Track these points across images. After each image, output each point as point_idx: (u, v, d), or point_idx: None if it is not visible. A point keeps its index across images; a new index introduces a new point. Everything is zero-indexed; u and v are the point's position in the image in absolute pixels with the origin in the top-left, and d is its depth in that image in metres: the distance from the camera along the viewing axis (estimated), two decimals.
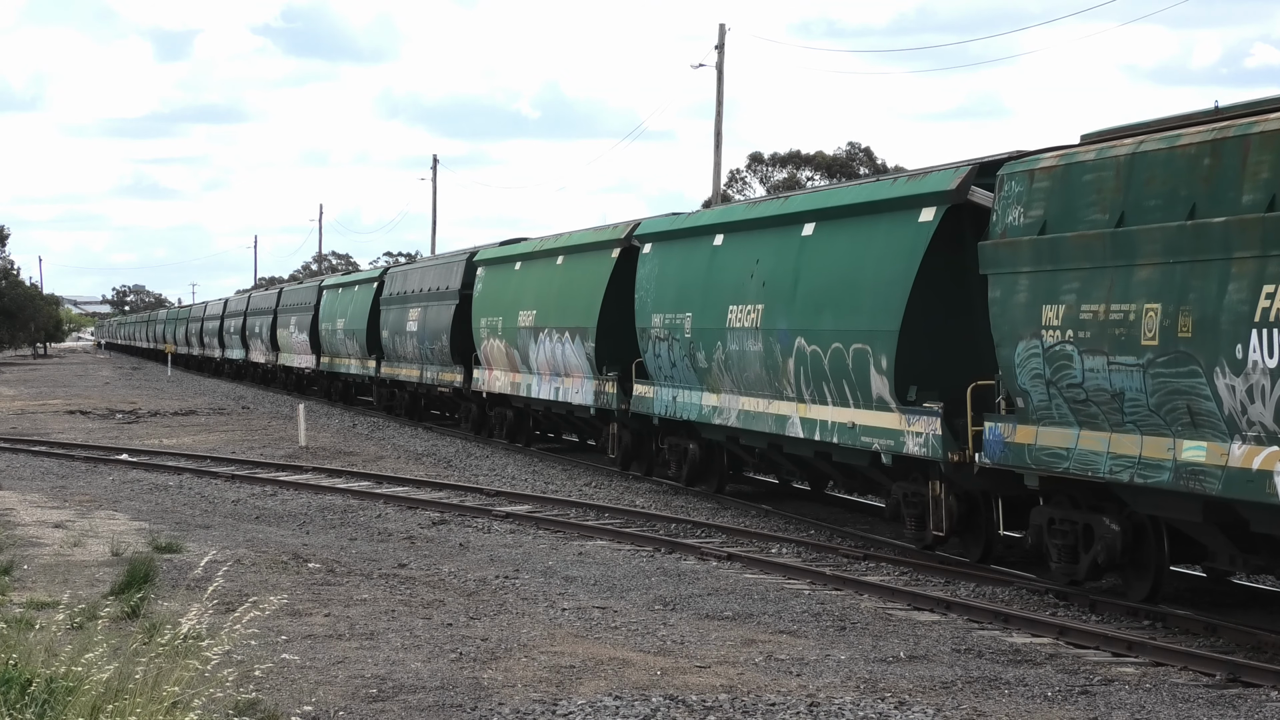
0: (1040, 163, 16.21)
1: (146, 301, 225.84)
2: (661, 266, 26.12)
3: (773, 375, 21.70)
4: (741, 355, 22.62)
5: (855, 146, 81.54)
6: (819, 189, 22.35)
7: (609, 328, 28.57)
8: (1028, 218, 16.22)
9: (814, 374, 20.48)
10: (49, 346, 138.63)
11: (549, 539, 21.28)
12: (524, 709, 11.47)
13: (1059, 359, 15.57)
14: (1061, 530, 16.34)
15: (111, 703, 9.16)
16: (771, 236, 22.34)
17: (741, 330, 22.58)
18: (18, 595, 15.37)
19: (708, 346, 23.75)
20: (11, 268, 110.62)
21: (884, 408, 18.84)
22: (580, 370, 29.90)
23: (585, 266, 30.29)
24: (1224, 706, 12.00)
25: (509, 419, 36.25)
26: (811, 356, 20.50)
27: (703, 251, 24.55)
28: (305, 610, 15.35)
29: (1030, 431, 16.15)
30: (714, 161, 54.56)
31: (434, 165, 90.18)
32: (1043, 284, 15.90)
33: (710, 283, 23.95)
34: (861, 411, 19.35)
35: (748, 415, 22.67)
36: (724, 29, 53.56)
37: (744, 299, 22.55)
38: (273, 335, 65.56)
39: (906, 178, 19.49)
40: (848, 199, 20.75)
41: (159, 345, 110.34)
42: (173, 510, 23.99)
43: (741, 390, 22.91)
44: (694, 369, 24.42)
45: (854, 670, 13.06)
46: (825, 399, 20.29)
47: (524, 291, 33.45)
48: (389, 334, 45.21)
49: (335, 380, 55.30)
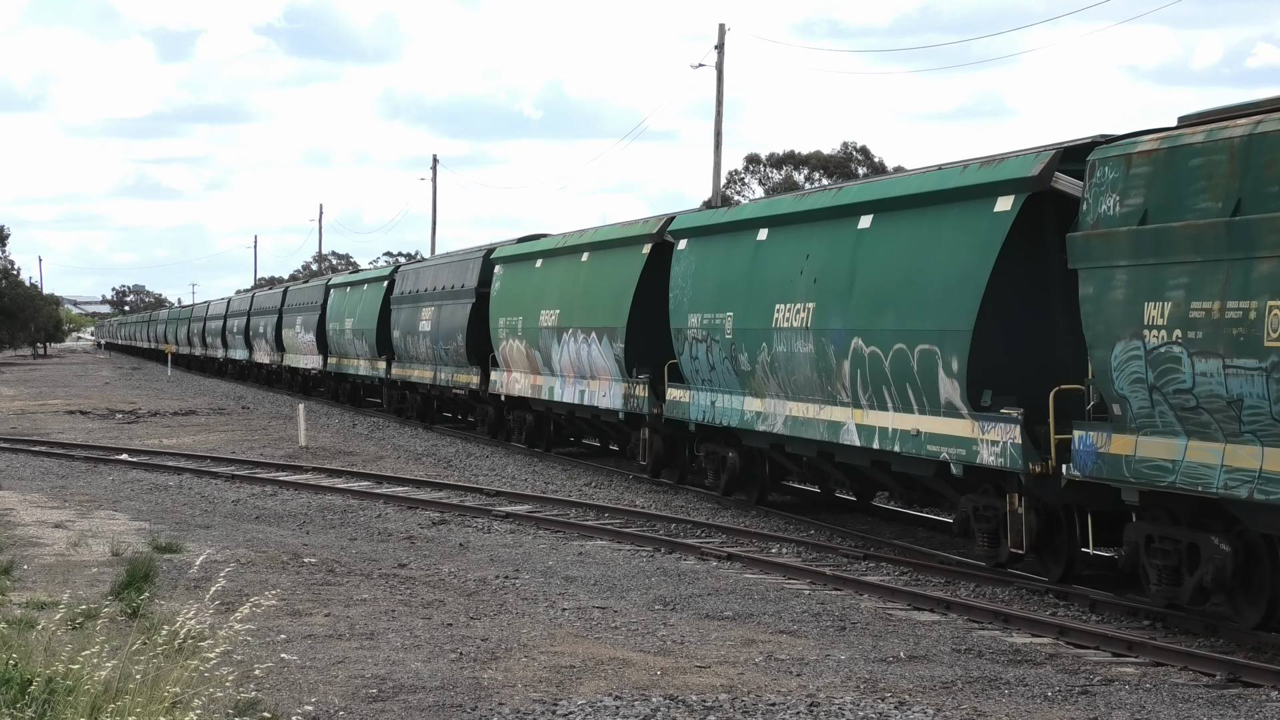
0: (1138, 146, 14.79)
1: (146, 301, 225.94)
2: (699, 263, 24.76)
3: (825, 379, 20.30)
4: (789, 357, 21.21)
5: (850, 146, 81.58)
6: (876, 179, 20.61)
7: (639, 328, 27.35)
8: (1125, 206, 14.80)
9: (873, 377, 19.08)
10: (49, 347, 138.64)
11: (549, 539, 21.27)
12: (524, 709, 11.46)
13: (1164, 362, 14.15)
14: (1162, 549, 14.88)
15: (111, 702, 9.16)
16: (823, 230, 20.92)
17: (790, 330, 21.17)
18: (18, 595, 15.37)
19: (751, 348, 22.39)
20: (11, 268, 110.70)
21: (954, 414, 17.47)
22: (607, 372, 28.60)
23: (614, 263, 28.94)
24: (1224, 706, 12.00)
25: (528, 423, 34.93)
26: (870, 358, 19.08)
27: (745, 247, 23.12)
28: (305, 610, 15.35)
29: (1128, 441, 14.70)
30: (714, 162, 54.60)
31: (434, 165, 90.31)
32: (1144, 279, 14.49)
33: (754, 280, 22.58)
34: (927, 418, 17.98)
35: (796, 422, 21.23)
36: (724, 29, 53.58)
37: (792, 297, 21.16)
38: (278, 335, 64.53)
39: (979, 164, 17.96)
40: (910, 189, 19.18)
41: (160, 345, 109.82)
42: (173, 510, 23.99)
43: (789, 395, 21.50)
44: (735, 372, 23.07)
45: (854, 670, 13.05)
46: (885, 404, 18.90)
47: (546, 290, 32.09)
48: (400, 334, 44.01)
49: (343, 381, 54.17)
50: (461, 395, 39.46)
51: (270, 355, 66.62)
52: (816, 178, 78.60)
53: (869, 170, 76.97)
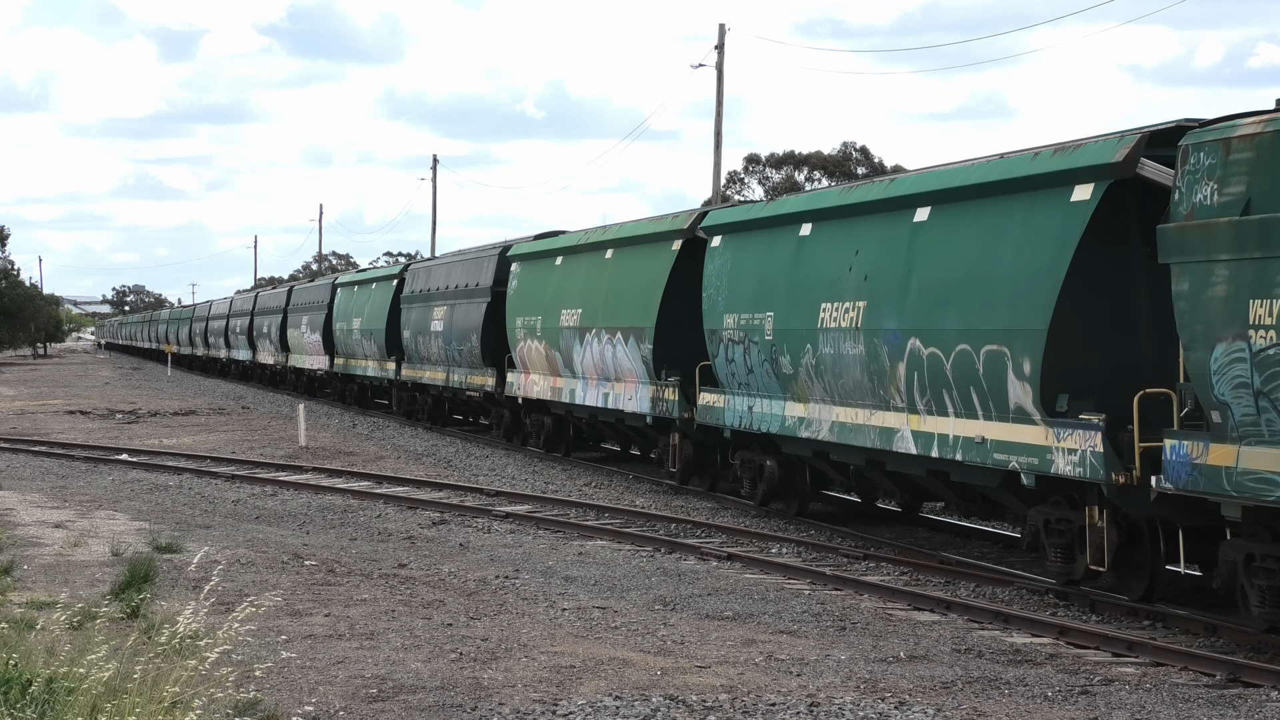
0: (1238, 130, 13.62)
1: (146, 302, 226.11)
2: (734, 260, 23.40)
3: (877, 382, 18.99)
4: (837, 360, 19.89)
5: (850, 146, 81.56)
6: (932, 168, 19.34)
7: (668, 328, 26.10)
8: (1224, 195, 13.62)
9: (932, 380, 17.80)
10: (49, 347, 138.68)
11: (549, 539, 21.28)
12: (524, 709, 11.46)
13: (1273, 365, 12.98)
14: (1265, 569, 13.68)
15: (111, 702, 9.16)
16: (874, 224, 19.51)
17: (837, 331, 19.85)
18: (18, 595, 15.37)
19: (794, 350, 21.06)
20: (11, 268, 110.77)
21: (1025, 420, 16.22)
22: (634, 374, 27.35)
23: (641, 261, 27.62)
24: (1224, 706, 12.00)
25: (547, 427, 33.62)
26: (929, 360, 17.82)
27: (786, 243, 21.73)
28: (305, 610, 15.35)
29: (1229, 452, 13.49)
30: (714, 162, 54.58)
31: (434, 165, 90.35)
32: (1249, 274, 13.25)
33: (797, 278, 21.23)
34: (994, 424, 16.72)
35: (843, 428, 19.94)
36: (724, 29, 53.55)
37: (840, 295, 19.86)
38: (282, 335, 63.56)
39: (1051, 151, 16.63)
40: (974, 178, 17.80)
41: (161, 346, 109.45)
42: (173, 510, 23.99)
43: (836, 399, 20.17)
44: (776, 375, 21.72)
45: (854, 670, 13.05)
46: (945, 409, 17.63)
47: (567, 288, 30.82)
48: (411, 334, 42.87)
49: (350, 382, 53.14)
50: (476, 398, 38.22)
51: (275, 356, 65.61)
52: (816, 178, 78.61)
53: (869, 170, 76.94)
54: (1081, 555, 16.05)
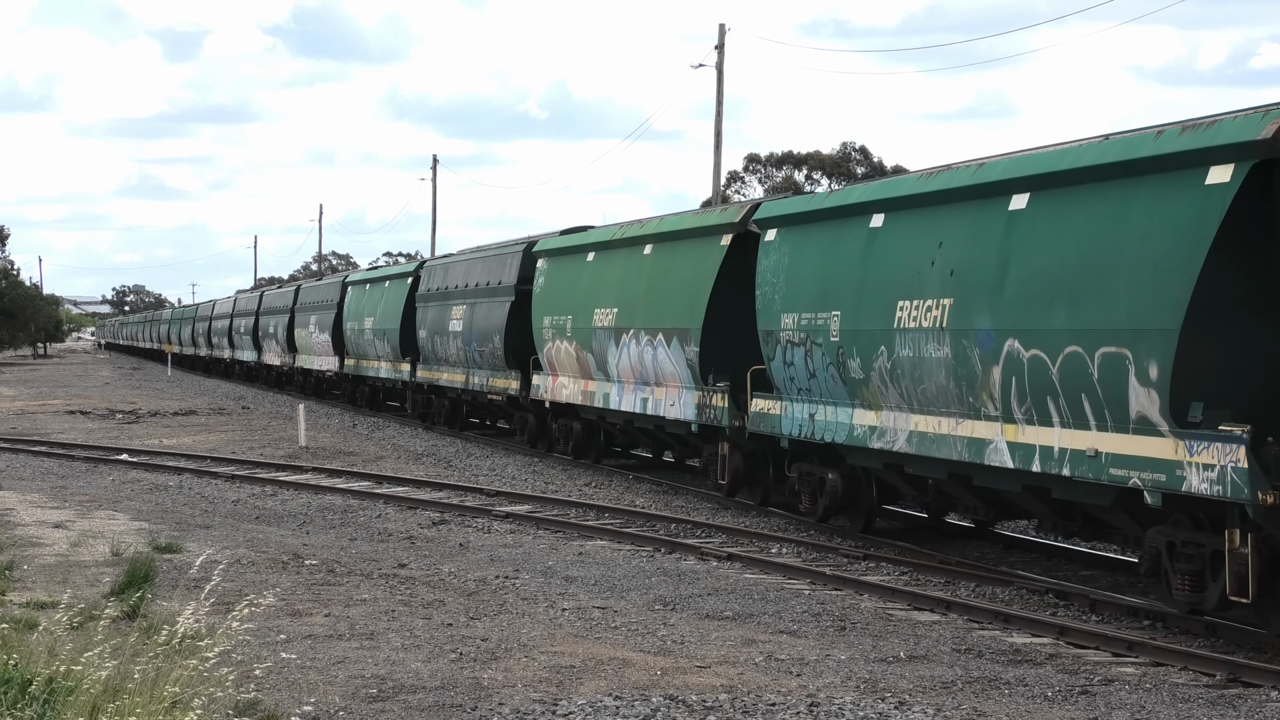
0: None
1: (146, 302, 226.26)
2: (793, 255, 21.60)
3: (965, 388, 17.29)
4: (917, 363, 18.17)
5: (849, 146, 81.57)
6: (1030, 151, 17.44)
7: (716, 329, 24.26)
8: None
9: (1034, 386, 16.03)
10: (49, 347, 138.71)
11: (549, 539, 21.28)
12: (524, 709, 11.46)
13: None
14: None
15: (111, 702, 9.16)
16: (961, 213, 17.80)
17: (917, 331, 18.15)
18: (18, 595, 15.38)
19: (864, 352, 19.33)
20: (11, 268, 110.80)
21: (1149, 431, 14.42)
22: (677, 379, 25.50)
23: (685, 256, 25.66)
24: (1224, 706, 12.00)
25: (576, 432, 31.76)
26: (1031, 364, 16.05)
27: (854, 235, 19.97)
28: (305, 610, 15.36)
29: None
30: (714, 162, 54.60)
31: (434, 165, 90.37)
32: None
33: (868, 274, 19.45)
34: (1110, 435, 14.95)
35: (923, 438, 18.20)
36: (724, 29, 53.55)
37: (921, 292, 18.15)
38: (289, 335, 61.89)
39: (1179, 129, 14.67)
40: (1084, 160, 15.84)
41: (162, 346, 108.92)
42: (173, 510, 23.99)
43: (914, 407, 18.47)
44: (842, 380, 19.99)
45: (854, 670, 13.06)
46: (1050, 419, 15.86)
47: (601, 286, 28.94)
48: (427, 334, 41.15)
49: (361, 384, 51.48)
50: (498, 401, 36.28)
51: (281, 357, 64.10)
52: (816, 178, 78.61)
53: (868, 170, 76.92)
54: (1214, 583, 14.29)
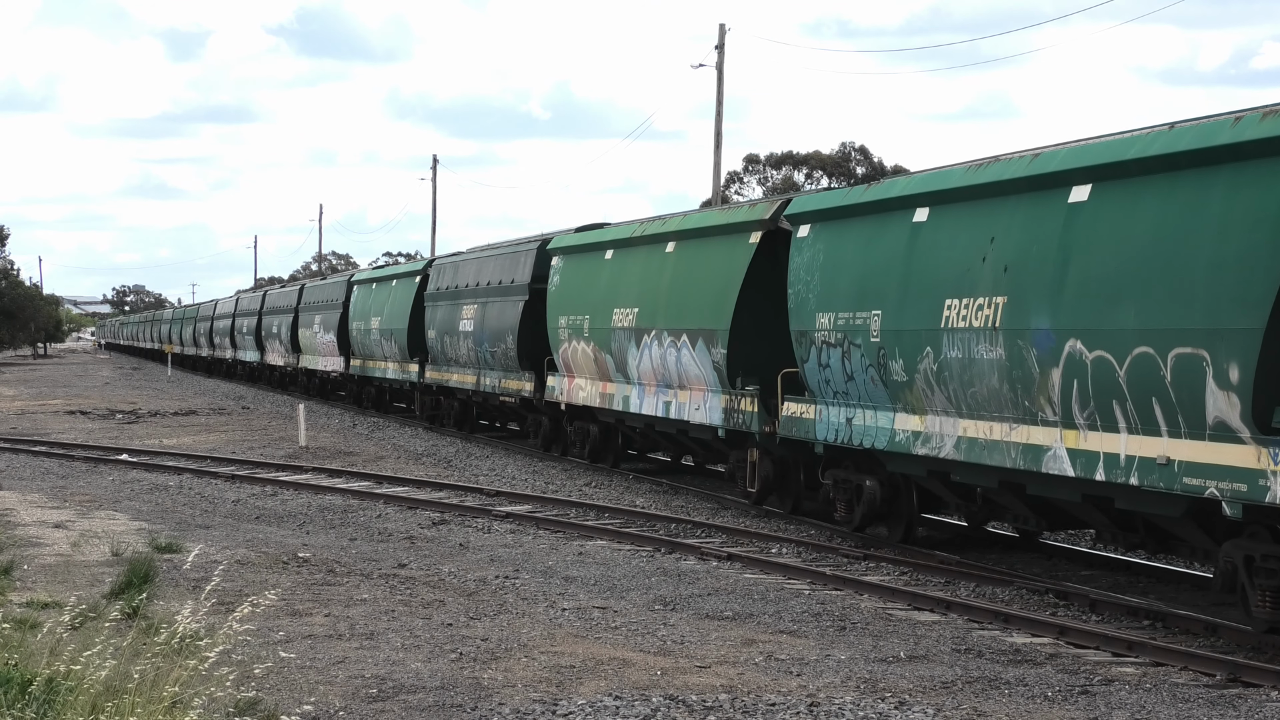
0: None
1: (146, 302, 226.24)
2: (828, 252, 20.60)
3: (1021, 391, 16.34)
4: (967, 365, 17.22)
5: (849, 146, 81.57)
6: (1091, 140, 16.36)
7: (744, 331, 23.30)
8: None
9: (1098, 389, 15.08)
10: (49, 347, 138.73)
11: (549, 539, 21.28)
12: (524, 709, 11.46)
13: None
14: None
15: (111, 702, 9.16)
16: (1015, 206, 16.81)
17: (967, 331, 17.20)
18: (18, 595, 15.38)
19: (908, 354, 18.40)
20: (11, 268, 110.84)
21: (1228, 437, 13.53)
22: (702, 382, 24.54)
23: (711, 254, 24.64)
24: (1224, 706, 12.00)
25: (593, 435, 30.94)
26: (1095, 366, 15.08)
27: (896, 230, 19.02)
28: (305, 610, 15.36)
29: None
30: (714, 162, 54.60)
31: (434, 165, 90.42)
32: None
33: (912, 270, 18.51)
34: (1184, 443, 14.02)
35: (973, 445, 17.26)
36: (724, 29, 53.55)
37: (971, 290, 17.22)
38: (293, 335, 61.12)
39: (1259, 115, 13.63)
40: (1151, 149, 14.89)
41: (163, 346, 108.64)
42: (173, 510, 24.00)
43: (963, 411, 17.51)
44: (884, 383, 19.05)
45: (854, 670, 13.06)
46: (1115, 424, 14.92)
47: (620, 285, 28.02)
48: (436, 334, 40.31)
49: (367, 385, 50.63)
50: (510, 403, 35.32)
51: (285, 357, 63.33)
52: (816, 178, 78.57)
53: (869, 170, 76.89)
54: None
